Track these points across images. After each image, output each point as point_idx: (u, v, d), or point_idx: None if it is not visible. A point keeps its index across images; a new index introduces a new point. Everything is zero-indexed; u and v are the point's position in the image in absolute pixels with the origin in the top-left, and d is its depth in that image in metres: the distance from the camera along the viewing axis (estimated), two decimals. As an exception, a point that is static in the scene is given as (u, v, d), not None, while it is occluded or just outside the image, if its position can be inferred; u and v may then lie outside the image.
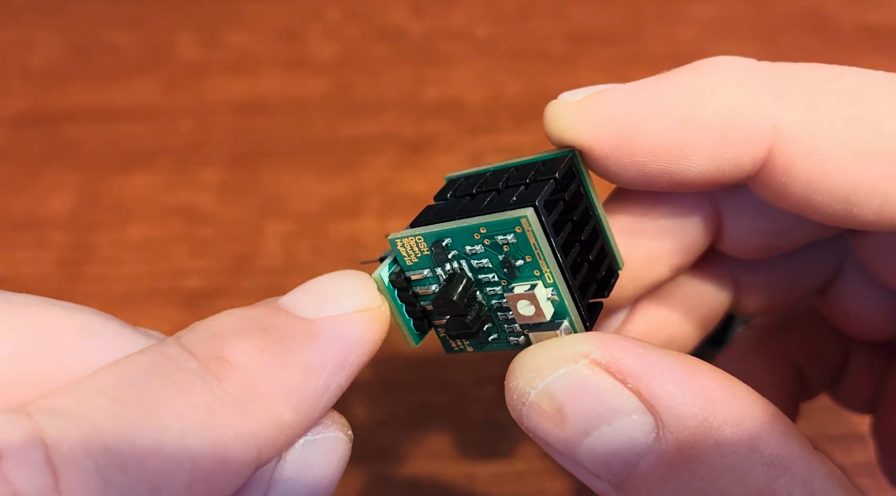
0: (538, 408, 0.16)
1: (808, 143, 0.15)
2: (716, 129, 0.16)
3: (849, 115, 0.15)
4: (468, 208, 0.17)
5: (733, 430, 0.14)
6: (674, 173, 0.17)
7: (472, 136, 0.45)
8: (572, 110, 0.17)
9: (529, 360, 0.16)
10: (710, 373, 0.15)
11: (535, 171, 0.17)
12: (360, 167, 0.44)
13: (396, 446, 0.34)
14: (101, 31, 0.52)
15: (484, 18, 0.52)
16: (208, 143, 0.46)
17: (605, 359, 0.15)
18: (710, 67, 0.17)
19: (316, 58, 0.50)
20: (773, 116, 0.16)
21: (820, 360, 0.26)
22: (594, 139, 0.17)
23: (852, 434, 0.31)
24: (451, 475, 0.33)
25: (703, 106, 0.16)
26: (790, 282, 0.23)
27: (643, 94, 0.17)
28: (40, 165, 0.45)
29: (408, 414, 0.34)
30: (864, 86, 0.16)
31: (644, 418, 0.15)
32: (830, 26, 0.50)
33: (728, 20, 0.51)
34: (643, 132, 0.16)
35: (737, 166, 0.16)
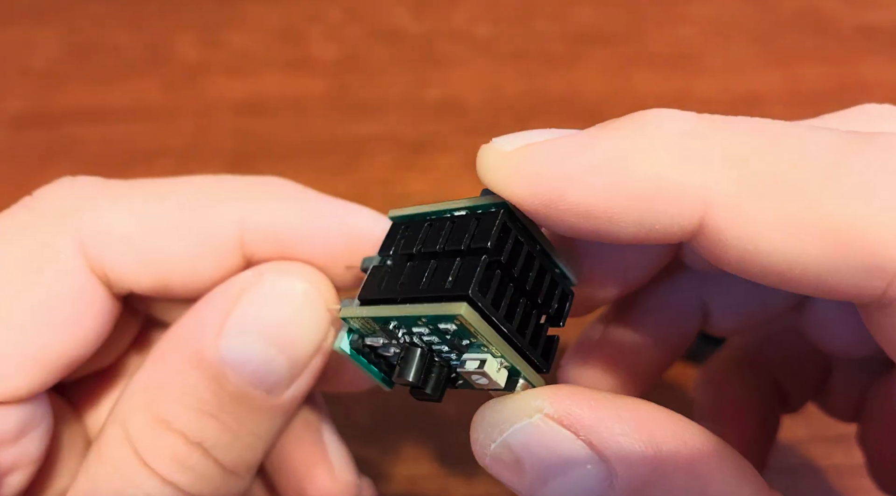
0: (498, 459, 0.17)
1: (737, 217, 0.15)
2: (643, 198, 0.15)
3: (782, 188, 0.14)
4: (409, 285, 0.17)
5: (683, 477, 0.15)
6: (603, 234, 0.16)
7: (472, 136, 0.45)
8: (502, 162, 0.17)
9: (489, 415, 0.17)
10: (660, 420, 0.16)
11: (471, 235, 0.17)
12: (361, 167, 0.44)
13: (396, 446, 0.34)
14: (102, 32, 0.52)
15: (484, 19, 0.52)
16: (208, 144, 0.46)
17: (558, 412, 0.16)
18: (643, 127, 0.16)
19: (316, 58, 0.50)
20: (702, 187, 0.15)
21: (800, 375, 0.27)
22: (522, 197, 0.16)
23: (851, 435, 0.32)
24: (451, 475, 0.33)
25: (631, 173, 0.15)
26: (761, 302, 0.23)
27: (573, 154, 0.16)
28: (40, 166, 0.45)
29: (408, 414, 0.34)
30: (803, 154, 0.15)
31: (597, 467, 0.16)
32: (830, 26, 0.50)
33: (728, 20, 0.51)
34: (570, 195, 0.16)
35: (666, 234, 0.16)
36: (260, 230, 0.21)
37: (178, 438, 0.19)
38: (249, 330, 0.19)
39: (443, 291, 0.16)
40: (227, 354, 0.19)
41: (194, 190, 0.21)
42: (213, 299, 0.20)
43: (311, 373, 0.21)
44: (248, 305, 0.19)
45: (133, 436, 0.19)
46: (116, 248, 0.20)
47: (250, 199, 0.21)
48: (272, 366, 0.20)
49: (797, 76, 0.47)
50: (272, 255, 0.21)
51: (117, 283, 0.20)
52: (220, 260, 0.21)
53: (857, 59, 0.48)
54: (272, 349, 0.19)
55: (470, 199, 0.18)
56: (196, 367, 0.19)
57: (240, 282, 0.20)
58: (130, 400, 0.20)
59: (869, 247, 0.14)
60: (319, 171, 0.44)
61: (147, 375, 0.20)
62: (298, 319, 0.20)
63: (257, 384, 0.19)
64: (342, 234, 0.21)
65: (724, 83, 0.47)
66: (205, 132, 0.46)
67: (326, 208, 0.22)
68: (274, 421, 0.20)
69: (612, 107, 0.47)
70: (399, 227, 0.19)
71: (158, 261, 0.20)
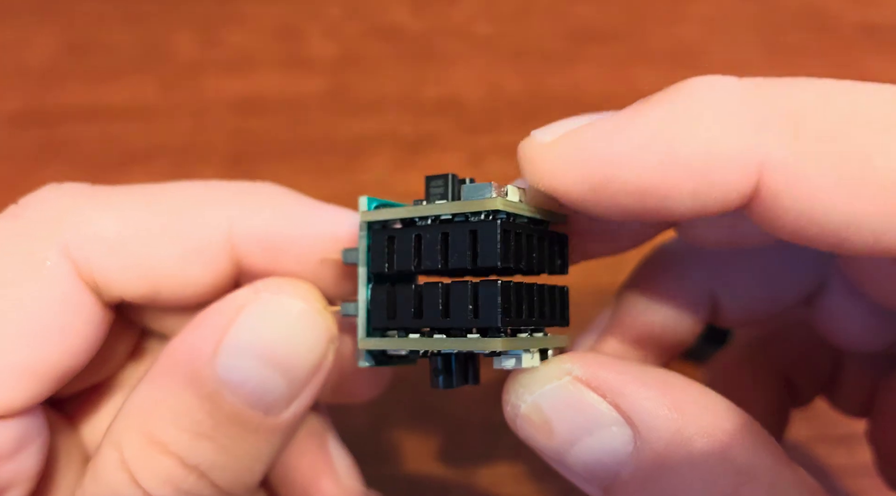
0: (528, 420, 0.17)
1: (795, 179, 0.15)
2: (697, 169, 0.15)
3: (837, 147, 0.14)
4: (430, 315, 0.18)
5: (705, 441, 0.16)
6: (656, 212, 0.16)
7: (472, 135, 0.45)
8: (544, 154, 0.17)
9: (521, 377, 0.18)
10: (685, 388, 0.17)
11: (473, 252, 0.17)
12: (359, 166, 0.44)
13: (396, 446, 0.33)
14: (99, 30, 0.52)
15: (484, 17, 0.52)
16: (206, 143, 0.46)
17: (587, 375, 0.17)
18: (688, 97, 0.16)
19: (315, 56, 0.50)
20: (757, 152, 0.15)
21: (810, 369, 0.27)
22: (570, 185, 0.16)
23: (855, 435, 0.31)
24: (451, 475, 0.33)
25: (682, 145, 0.15)
26: (771, 294, 0.23)
27: (618, 134, 0.16)
28: (37, 165, 0.45)
29: (408, 414, 0.34)
30: (855, 111, 0.15)
31: (623, 430, 0.16)
32: (832, 25, 0.50)
33: (729, 18, 0.51)
34: (621, 175, 0.16)
35: (723, 202, 0.16)
36: (249, 235, 0.21)
37: (174, 461, 0.19)
38: (246, 350, 0.19)
39: (469, 322, 0.17)
40: (224, 374, 0.19)
41: (182, 195, 0.21)
42: (208, 317, 0.20)
43: (312, 391, 0.20)
44: (244, 324, 0.19)
45: (128, 458, 0.19)
46: (104, 254, 0.20)
47: (239, 204, 0.21)
48: (270, 387, 0.19)
49: (799, 73, 0.47)
50: (262, 261, 0.21)
51: (107, 291, 0.20)
52: (209, 265, 0.21)
53: (858, 56, 0.48)
54: (269, 369, 0.19)
55: (448, 203, 0.18)
56: (191, 388, 0.19)
57: (236, 299, 0.20)
58: (126, 420, 0.19)
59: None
60: (318, 170, 0.44)
61: (142, 395, 0.19)
62: (297, 339, 0.20)
63: (255, 405, 0.19)
64: (331, 238, 0.21)
65: (725, 81, 0.47)
66: (202, 131, 0.46)
67: (315, 213, 0.22)
68: (273, 441, 0.20)
69: (612, 105, 0.46)
70: (383, 236, 0.19)
71: (147, 266, 0.20)
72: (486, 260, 0.17)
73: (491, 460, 0.33)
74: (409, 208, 0.18)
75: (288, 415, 0.20)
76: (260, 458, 0.20)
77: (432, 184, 0.18)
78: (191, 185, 0.21)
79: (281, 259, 0.21)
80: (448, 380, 0.19)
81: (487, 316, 0.17)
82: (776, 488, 0.15)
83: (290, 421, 0.20)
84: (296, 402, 0.20)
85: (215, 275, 0.21)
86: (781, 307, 0.23)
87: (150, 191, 0.21)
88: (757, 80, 0.16)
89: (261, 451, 0.20)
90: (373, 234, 0.19)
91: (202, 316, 0.20)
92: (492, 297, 0.17)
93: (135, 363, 0.24)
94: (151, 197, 0.21)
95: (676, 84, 0.16)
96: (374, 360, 0.19)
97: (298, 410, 0.20)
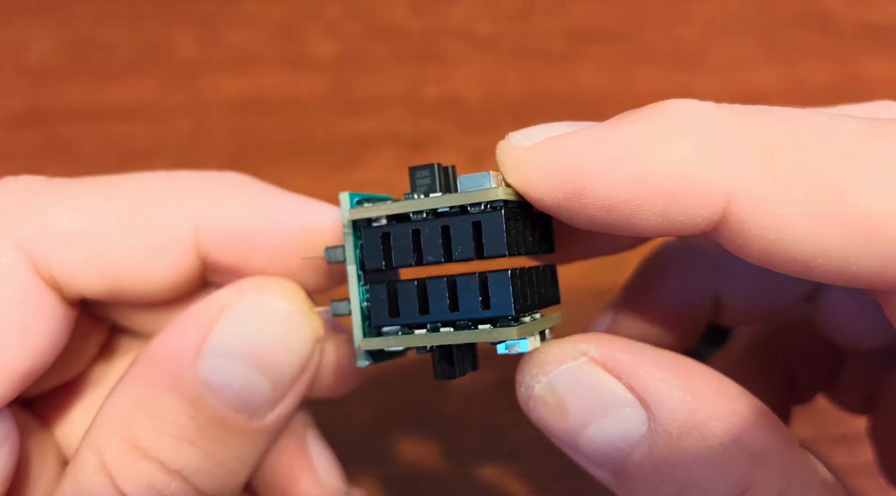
0: (542, 400, 0.17)
1: (763, 209, 0.15)
2: (666, 190, 0.15)
3: (808, 180, 0.14)
4: (436, 308, 0.18)
5: (719, 424, 0.16)
6: (624, 227, 0.16)
7: (472, 134, 0.45)
8: (522, 157, 0.17)
9: (535, 357, 0.18)
10: (700, 372, 0.17)
11: (479, 243, 0.17)
12: (360, 166, 0.44)
13: (396, 446, 0.33)
14: (98, 29, 0.52)
15: (484, 16, 0.52)
16: (206, 143, 0.46)
17: (602, 356, 0.17)
18: (664, 118, 0.16)
19: (315, 56, 0.50)
20: (726, 179, 0.15)
21: (812, 366, 0.27)
22: (543, 192, 0.16)
23: (855, 434, 0.31)
24: (451, 475, 0.33)
25: (653, 165, 0.15)
26: (773, 292, 0.23)
27: (594, 147, 0.16)
28: (37, 165, 0.45)
29: (408, 414, 0.34)
30: (827, 144, 0.15)
31: (637, 411, 0.16)
32: (831, 25, 0.50)
33: (729, 18, 0.51)
34: (592, 188, 0.16)
35: (690, 225, 0.16)
36: (215, 228, 0.20)
37: (155, 466, 0.18)
38: (229, 352, 0.19)
39: (481, 313, 0.17)
40: (206, 377, 0.18)
41: (145, 187, 0.20)
42: (189, 318, 0.19)
43: (298, 392, 0.20)
44: (227, 325, 0.19)
45: (108, 463, 0.18)
46: (63, 249, 0.19)
47: (204, 196, 0.20)
48: (254, 389, 0.19)
49: (798, 74, 0.47)
50: (230, 255, 0.20)
51: (67, 287, 0.19)
52: (173, 260, 0.20)
53: (858, 56, 0.48)
54: (254, 371, 0.19)
55: (445, 195, 0.18)
56: (173, 391, 0.18)
57: (218, 300, 0.19)
58: (105, 424, 0.19)
59: (894, 233, 0.14)
60: (318, 170, 0.44)
61: (121, 397, 0.19)
62: (283, 341, 0.19)
63: (239, 408, 0.19)
64: (303, 230, 0.20)
65: (725, 81, 0.47)
66: (203, 131, 0.46)
67: (285, 204, 0.21)
68: (257, 444, 0.20)
69: (612, 104, 0.46)
70: (375, 233, 0.18)
71: (108, 261, 0.19)
72: (492, 249, 0.17)
73: (491, 460, 0.33)
74: (405, 203, 0.18)
75: (273, 418, 0.19)
76: (244, 462, 0.20)
77: (418, 175, 0.18)
78: (154, 175, 0.21)
79: (251, 253, 0.20)
80: (452, 371, 0.19)
81: (500, 305, 0.17)
82: (788, 472, 0.16)
83: (276, 423, 0.20)
84: (281, 404, 0.20)
85: (180, 271, 0.20)
86: (784, 304, 0.24)
87: (111, 183, 0.20)
88: (734, 108, 0.16)
89: (245, 455, 0.19)
90: (363, 231, 0.19)
91: (183, 316, 0.19)
92: (503, 286, 0.17)
93: (107, 360, 0.24)
94: (112, 189, 0.20)
95: (656, 103, 0.16)
96: (372, 359, 0.19)
97: (284, 412, 0.20)
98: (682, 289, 0.23)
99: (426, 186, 0.18)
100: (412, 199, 0.18)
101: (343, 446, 0.24)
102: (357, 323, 0.19)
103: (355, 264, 0.19)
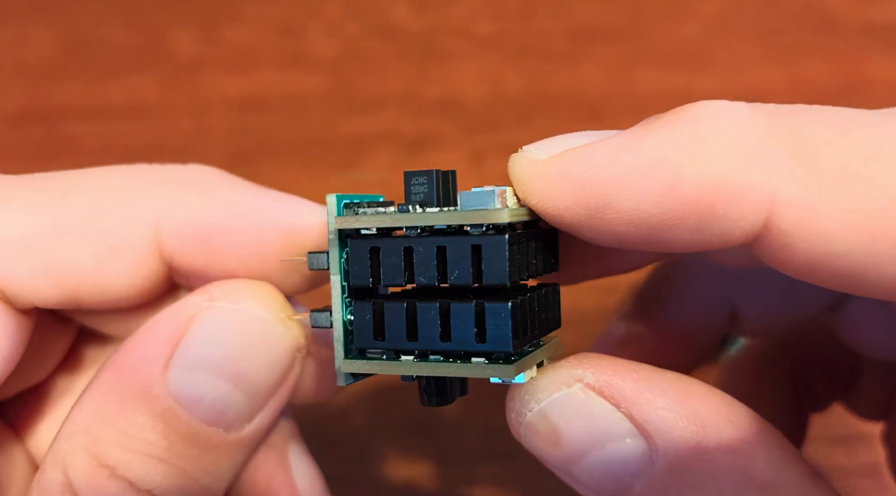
0: (534, 429, 0.16)
1: (808, 218, 0.13)
2: (702, 202, 0.14)
3: (857, 186, 0.13)
4: (427, 336, 0.16)
5: (726, 456, 0.15)
6: (654, 243, 0.15)
7: (473, 134, 0.45)
8: (539, 172, 0.15)
9: (528, 384, 0.16)
10: (706, 396, 0.15)
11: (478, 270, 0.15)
12: (360, 165, 0.44)
13: (396, 447, 0.33)
14: (98, 28, 0.52)
15: (485, 15, 0.52)
16: (207, 142, 0.45)
17: (600, 383, 0.15)
18: (695, 121, 0.14)
19: (315, 55, 0.50)
20: (767, 187, 0.14)
21: (829, 374, 0.26)
22: (563, 209, 0.15)
23: (855, 435, 0.31)
24: (451, 475, 0.32)
25: (687, 175, 0.14)
26: (794, 305, 0.22)
27: (618, 157, 0.14)
28: (37, 164, 0.44)
29: (408, 415, 0.34)
30: (877, 148, 0.13)
31: (637, 441, 0.15)
32: (835, 24, 0.50)
33: (732, 17, 0.51)
34: (618, 203, 0.14)
35: (728, 238, 0.14)
36: (179, 228, 0.19)
37: (124, 486, 0.17)
38: (200, 364, 0.17)
39: (474, 346, 0.15)
40: (176, 391, 0.17)
41: (101, 184, 0.19)
42: (156, 327, 0.18)
43: (278, 403, 0.19)
44: (197, 336, 0.17)
45: (74, 480, 0.17)
46: (10, 258, 0.18)
47: (167, 193, 0.19)
48: (228, 403, 0.17)
49: (801, 74, 0.47)
50: (196, 258, 0.19)
51: (16, 298, 0.18)
52: (134, 265, 0.18)
53: (861, 56, 0.48)
54: (228, 384, 0.17)
55: (443, 212, 0.16)
56: (141, 405, 0.17)
57: (187, 308, 0.18)
58: (70, 439, 0.17)
59: None
60: (319, 169, 0.44)
61: (86, 411, 0.17)
62: (258, 352, 0.18)
63: (213, 422, 0.17)
64: (275, 229, 0.19)
65: (727, 81, 0.47)
66: (203, 130, 0.46)
67: (258, 201, 0.19)
68: (234, 458, 0.18)
69: (614, 104, 0.46)
70: (363, 246, 0.16)
71: (62, 269, 0.18)
72: (492, 277, 0.15)
73: (491, 460, 0.32)
74: (399, 216, 0.16)
75: (250, 430, 0.18)
76: (220, 477, 0.18)
77: (414, 181, 0.17)
78: (111, 171, 0.19)
79: (220, 255, 0.19)
80: (440, 399, 0.17)
81: (496, 340, 0.15)
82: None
83: (253, 435, 0.18)
84: (259, 416, 0.18)
85: (143, 276, 0.19)
86: (805, 316, 0.22)
87: (64, 181, 0.19)
88: (769, 108, 0.15)
89: (221, 469, 0.18)
90: (350, 241, 0.17)
91: (149, 325, 0.18)
92: (501, 321, 0.15)
93: (76, 363, 0.23)
94: (65, 187, 0.18)
95: (683, 106, 0.15)
96: (353, 379, 0.18)
97: (263, 424, 0.19)
98: (697, 301, 0.22)
99: (422, 195, 0.16)
100: (406, 211, 0.16)
101: (342, 447, 0.24)
102: (338, 338, 0.17)
103: (340, 275, 0.17)
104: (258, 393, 0.18)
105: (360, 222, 0.16)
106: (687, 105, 0.15)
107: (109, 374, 0.18)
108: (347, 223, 0.17)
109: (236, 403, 0.18)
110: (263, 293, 0.18)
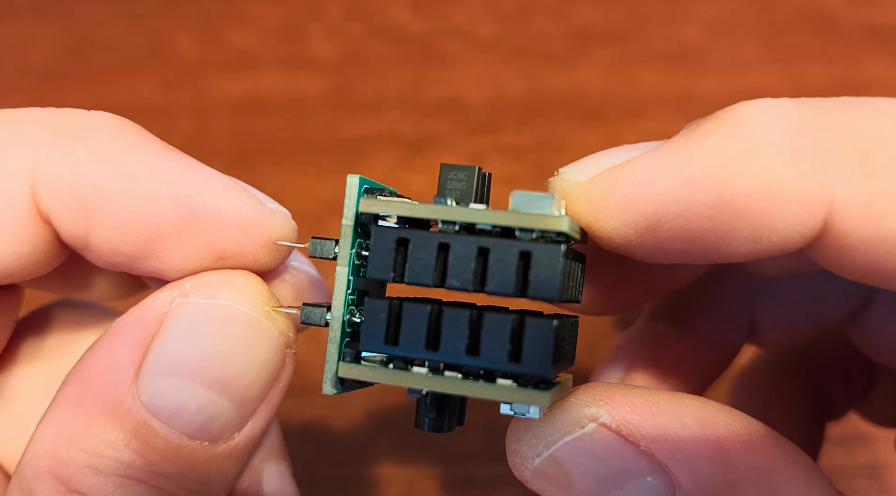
0: (543, 474, 0.15)
1: (868, 221, 0.13)
2: (756, 210, 0.13)
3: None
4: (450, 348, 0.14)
5: (752, 485, 0.14)
6: (711, 256, 0.14)
7: (473, 136, 0.45)
8: (579, 195, 0.14)
9: (534, 425, 0.15)
10: (727, 423, 0.14)
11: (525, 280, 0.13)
12: (361, 167, 0.44)
13: (396, 447, 0.33)
14: (100, 30, 0.52)
15: (485, 18, 0.52)
16: (208, 143, 0.46)
17: (616, 422, 0.14)
18: (740, 125, 0.13)
19: (316, 57, 0.50)
20: (823, 190, 0.13)
21: (845, 382, 0.25)
22: (611, 230, 0.14)
23: (854, 435, 0.31)
24: (451, 476, 0.32)
25: (738, 182, 0.13)
26: (815, 315, 0.22)
27: (664, 171, 0.14)
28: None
29: (408, 415, 0.34)
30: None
31: (659, 479, 0.14)
32: (833, 26, 0.50)
33: (731, 19, 0.51)
34: (669, 219, 0.14)
35: (785, 244, 0.14)
36: (55, 185, 0.16)
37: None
38: (176, 371, 0.15)
39: (506, 365, 0.13)
40: (150, 402, 0.15)
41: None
42: (122, 330, 0.15)
43: (270, 407, 0.17)
44: (169, 339, 0.15)
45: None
46: None
47: (49, 141, 0.16)
48: (213, 412, 0.15)
49: (801, 75, 0.47)
50: (73, 223, 0.16)
51: None
52: (5, 226, 0.16)
53: (860, 58, 0.48)
54: (211, 392, 0.15)
55: (492, 210, 0.14)
56: (111, 421, 0.15)
57: (156, 306, 0.15)
58: (34, 462, 0.15)
59: None
60: (319, 170, 0.44)
61: (51, 430, 0.15)
62: (242, 353, 0.15)
63: (196, 435, 0.15)
64: (172, 204, 0.16)
65: (727, 82, 0.47)
66: (204, 131, 0.46)
67: (155, 163, 0.16)
68: (225, 471, 0.16)
69: (614, 106, 0.46)
70: (389, 236, 0.14)
71: None
72: (540, 291, 0.13)
73: (491, 460, 0.33)
74: (436, 207, 0.14)
75: (241, 439, 0.16)
76: (212, 491, 0.16)
77: (451, 175, 0.15)
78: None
79: (99, 223, 0.16)
80: (441, 423, 0.16)
81: (533, 362, 0.13)
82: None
83: (246, 444, 0.16)
84: (250, 423, 0.16)
85: (16, 240, 0.16)
86: (826, 325, 0.22)
87: None
88: (814, 103, 0.14)
89: (210, 486, 0.16)
90: (372, 230, 0.15)
91: (115, 327, 0.16)
92: (543, 340, 0.13)
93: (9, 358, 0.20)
94: None
95: (725, 109, 0.14)
96: (341, 388, 0.16)
97: (255, 431, 0.16)
98: (717, 313, 0.21)
99: (458, 192, 0.15)
100: (444, 204, 0.14)
101: (342, 447, 0.24)
102: (334, 339, 0.15)
103: (348, 267, 0.15)
104: (246, 399, 0.16)
105: (388, 208, 0.15)
106: (728, 107, 0.14)
107: (73, 387, 0.15)
108: (374, 207, 0.15)
109: (221, 412, 0.15)
110: (243, 284, 0.16)
